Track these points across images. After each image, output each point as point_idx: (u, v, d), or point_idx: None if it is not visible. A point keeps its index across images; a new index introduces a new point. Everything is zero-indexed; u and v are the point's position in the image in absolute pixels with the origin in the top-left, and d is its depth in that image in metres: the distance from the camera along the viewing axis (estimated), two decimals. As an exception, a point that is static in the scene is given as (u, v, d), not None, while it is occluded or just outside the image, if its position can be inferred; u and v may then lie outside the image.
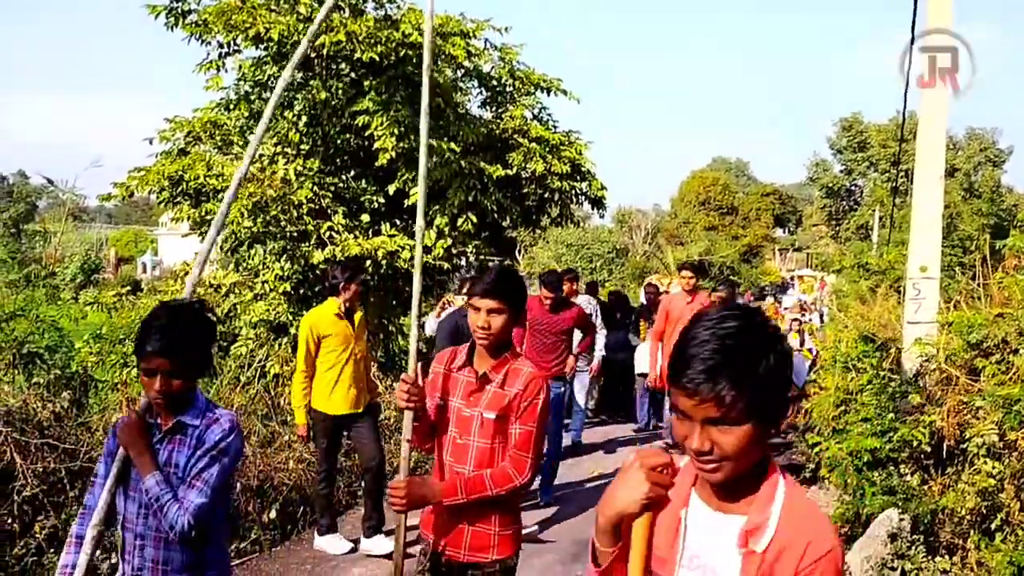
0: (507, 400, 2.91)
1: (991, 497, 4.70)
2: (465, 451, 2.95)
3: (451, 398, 3.02)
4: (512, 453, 2.91)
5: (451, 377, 3.05)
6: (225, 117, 8.99)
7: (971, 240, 9.23)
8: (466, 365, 3.03)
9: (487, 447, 2.93)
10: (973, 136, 45.57)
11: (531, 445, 2.91)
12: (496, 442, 2.93)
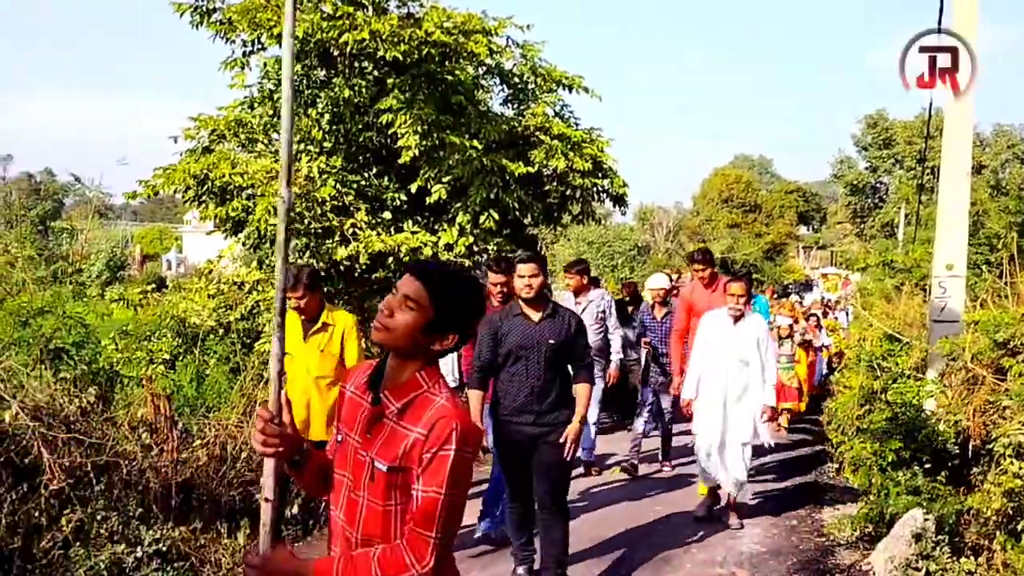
0: (407, 445, 2.06)
1: (1018, 498, 4.64)
2: (355, 510, 2.15)
3: (351, 433, 2.21)
4: (410, 528, 2.04)
5: (356, 401, 2.24)
6: (249, 115, 9.05)
7: (998, 238, 9.08)
8: (367, 386, 2.22)
9: (379, 509, 2.10)
10: (1001, 133, 44.97)
11: (435, 520, 2.01)
12: (394, 502, 2.09)
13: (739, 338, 6.09)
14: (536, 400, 4.71)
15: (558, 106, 10.21)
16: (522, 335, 4.76)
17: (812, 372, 11.97)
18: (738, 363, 6.10)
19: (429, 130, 8.19)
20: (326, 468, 2.26)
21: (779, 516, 6.70)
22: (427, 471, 2.02)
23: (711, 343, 6.23)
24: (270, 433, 2.12)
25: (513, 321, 4.81)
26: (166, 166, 8.78)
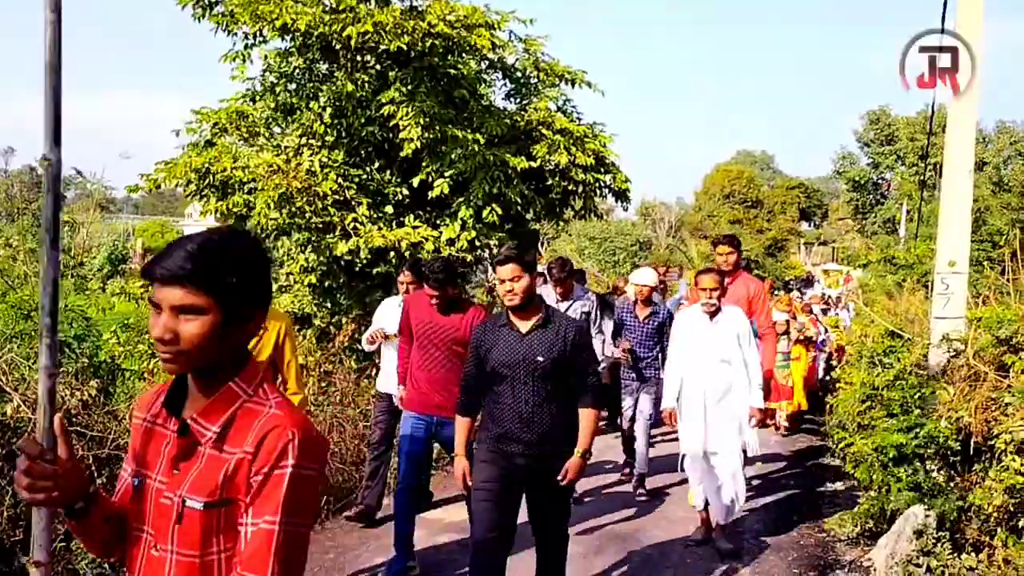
0: (228, 469, 1.61)
1: (1019, 494, 4.65)
2: (161, 571, 1.66)
3: (151, 472, 1.71)
4: (238, 574, 1.58)
5: (156, 432, 1.75)
6: (251, 108, 9.05)
7: (1000, 235, 9.08)
8: (164, 412, 1.74)
9: (195, 564, 1.62)
10: (1003, 130, 44.83)
11: (270, 560, 1.55)
12: (215, 551, 1.62)
13: (717, 335, 5.55)
14: (526, 428, 3.89)
15: (561, 101, 10.20)
16: (506, 350, 3.96)
17: (813, 370, 11.46)
18: (718, 363, 5.53)
19: (431, 123, 8.18)
20: (120, 519, 1.74)
21: (780, 512, 6.70)
22: (258, 498, 1.57)
23: (688, 344, 5.65)
24: (39, 474, 1.58)
25: (499, 333, 4.02)
26: (168, 160, 8.80)
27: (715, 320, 5.55)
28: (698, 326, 5.62)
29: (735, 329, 5.55)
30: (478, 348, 4.06)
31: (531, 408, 3.90)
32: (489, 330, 4.09)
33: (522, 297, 3.92)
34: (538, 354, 3.89)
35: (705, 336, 5.57)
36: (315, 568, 5.14)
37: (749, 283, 6.64)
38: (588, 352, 4.14)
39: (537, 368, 3.88)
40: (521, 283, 3.91)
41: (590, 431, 4.01)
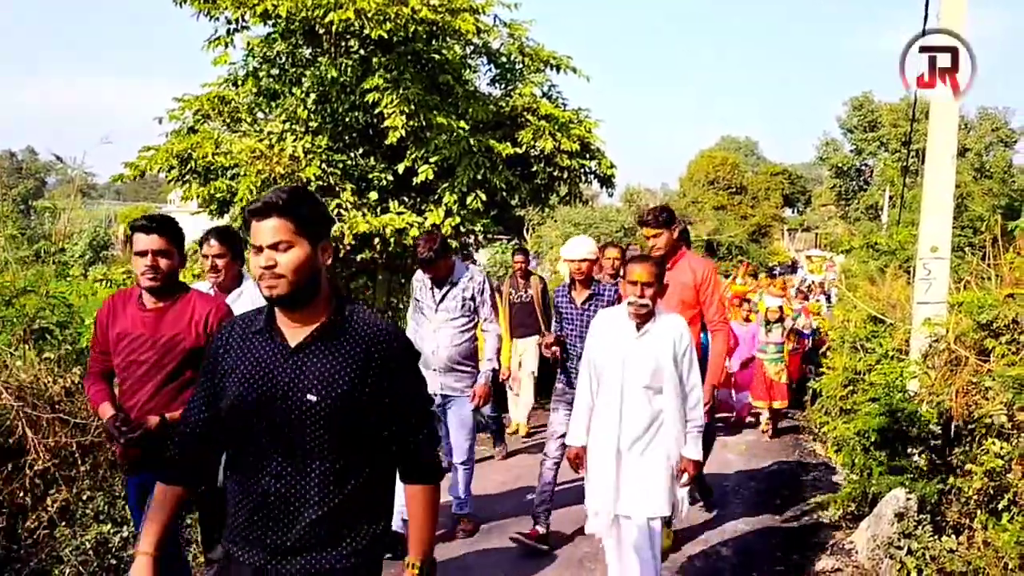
0: None
1: (999, 477, 4.70)
2: None
3: None
4: None
5: None
6: (233, 93, 8.98)
7: (981, 221, 9.14)
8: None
9: None
10: (985, 116, 45.19)
11: None
12: None
13: (645, 352, 3.96)
14: (270, 524, 2.11)
15: (546, 86, 10.17)
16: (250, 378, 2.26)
17: (796, 361, 10.39)
18: (642, 391, 3.96)
19: (415, 110, 8.14)
20: None
21: (764, 495, 6.76)
22: None
23: (603, 361, 4.08)
24: None
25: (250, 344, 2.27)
26: (150, 146, 8.72)
27: (644, 330, 3.98)
28: (620, 337, 4.03)
29: (671, 344, 3.96)
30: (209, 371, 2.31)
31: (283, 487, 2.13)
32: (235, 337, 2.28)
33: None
34: (308, 390, 2.11)
35: (628, 352, 3.98)
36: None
37: (695, 265, 5.17)
38: (415, 383, 2.27)
39: (303, 415, 2.11)
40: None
41: (424, 535, 2.28)
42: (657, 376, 3.94)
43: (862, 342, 7.60)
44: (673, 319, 4.07)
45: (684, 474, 4.03)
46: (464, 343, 5.33)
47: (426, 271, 5.25)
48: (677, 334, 3.98)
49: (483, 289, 5.34)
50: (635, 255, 4.13)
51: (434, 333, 5.29)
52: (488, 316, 5.41)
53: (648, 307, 3.93)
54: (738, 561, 5.28)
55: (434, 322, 5.30)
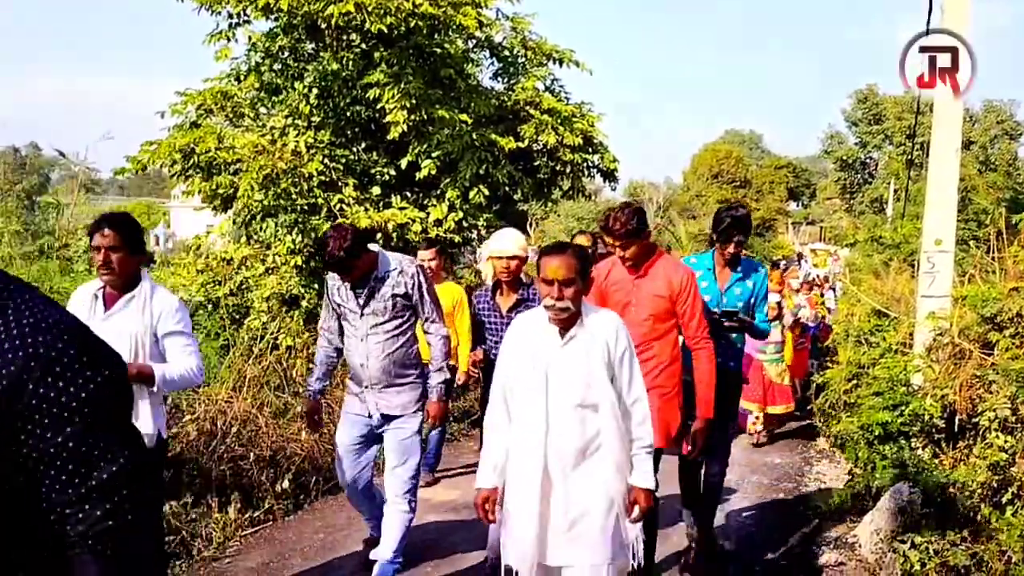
0: None
1: (1003, 471, 4.69)
2: None
3: None
4: None
5: None
6: (235, 88, 8.98)
7: (986, 214, 9.10)
8: None
9: None
10: (990, 109, 45.02)
11: None
12: None
13: (571, 363, 3.17)
14: None
15: (548, 80, 10.16)
16: None
17: (803, 358, 9.72)
18: (571, 412, 3.15)
19: (417, 105, 8.14)
20: None
21: (766, 491, 6.75)
22: None
23: (521, 378, 3.24)
24: None
25: None
26: (153, 140, 8.72)
27: (570, 336, 3.17)
28: (540, 347, 3.20)
29: (604, 350, 3.17)
30: None
31: None
32: None
33: None
34: None
35: (552, 364, 3.17)
36: (304, 548, 5.15)
37: (670, 272, 4.21)
38: None
39: None
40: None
41: None
42: (590, 391, 3.14)
43: (866, 336, 7.59)
44: (604, 318, 3.25)
45: (635, 507, 3.21)
46: (399, 350, 4.30)
47: (340, 275, 4.22)
48: (611, 335, 3.18)
49: (418, 283, 4.31)
50: (548, 246, 3.22)
51: (361, 342, 4.28)
52: (430, 315, 4.38)
53: (570, 310, 3.11)
54: (741, 555, 5.27)
55: (360, 329, 4.27)
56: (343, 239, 3.99)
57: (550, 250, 3.19)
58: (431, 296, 4.38)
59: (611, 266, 4.33)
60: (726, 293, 4.69)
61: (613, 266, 4.31)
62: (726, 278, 4.72)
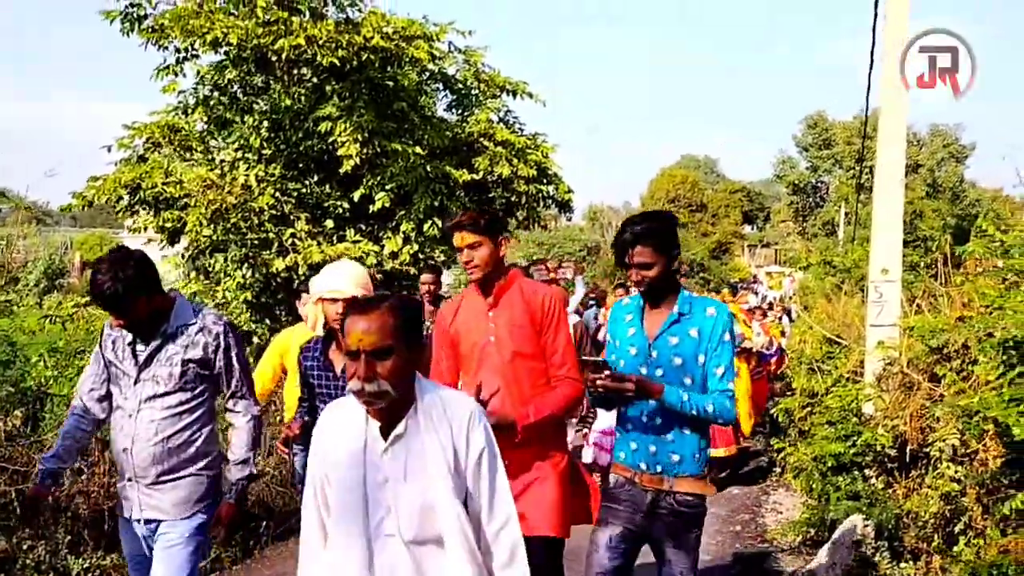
0: None
1: (954, 501, 4.72)
2: None
3: None
4: None
5: None
6: (183, 121, 8.85)
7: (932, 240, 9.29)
8: None
9: None
10: (936, 133, 46.21)
11: None
12: None
13: (399, 475, 2.21)
14: None
15: (502, 112, 10.18)
16: None
17: (762, 389, 9.16)
18: (403, 549, 2.22)
19: (370, 138, 8.10)
20: None
21: (723, 523, 6.73)
22: None
23: (334, 492, 2.26)
24: None
25: None
26: (98, 176, 8.55)
27: (397, 434, 2.21)
28: (355, 449, 2.23)
29: (447, 451, 2.22)
30: None
31: None
32: None
33: None
34: None
35: (372, 476, 2.23)
36: (253, 598, 5.00)
37: (531, 293, 3.41)
38: None
39: None
40: None
41: None
42: (428, 518, 2.18)
43: (818, 364, 7.64)
44: (451, 403, 2.25)
45: None
46: (181, 434, 3.15)
47: (114, 317, 3.11)
48: (461, 429, 2.21)
49: (224, 345, 3.21)
50: (355, 302, 2.21)
51: (130, 419, 3.13)
52: (237, 389, 3.30)
53: (388, 395, 2.09)
54: (698, 591, 5.22)
55: (131, 400, 3.14)
56: (121, 268, 2.93)
57: (354, 308, 2.14)
58: (240, 364, 3.26)
59: (458, 303, 3.47)
60: (656, 344, 3.09)
61: (462, 301, 3.46)
62: (657, 322, 3.12)
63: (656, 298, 3.14)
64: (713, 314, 3.08)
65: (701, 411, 3.00)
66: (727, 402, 3.05)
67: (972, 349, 4.80)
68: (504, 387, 3.22)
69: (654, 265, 3.04)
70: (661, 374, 3.07)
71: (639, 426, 3.14)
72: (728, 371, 3.07)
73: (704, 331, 3.06)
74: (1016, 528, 3.96)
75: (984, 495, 4.41)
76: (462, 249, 3.28)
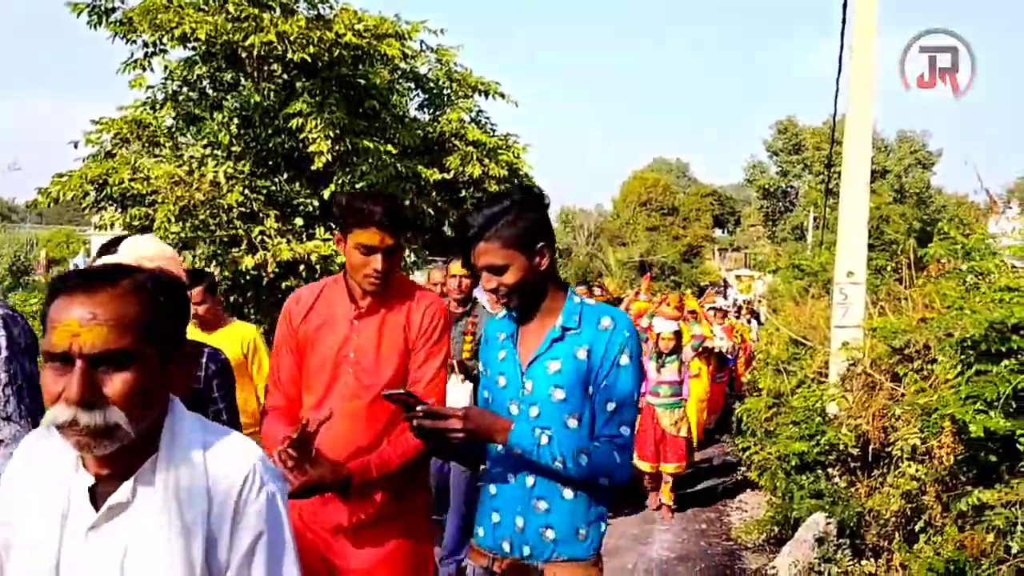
0: None
1: (915, 500, 4.79)
2: None
3: None
4: None
5: None
6: (151, 117, 8.76)
7: (898, 244, 9.43)
8: None
9: None
10: (904, 139, 46.91)
11: None
12: None
13: (96, 553, 1.33)
14: None
15: (474, 111, 10.20)
16: None
17: (719, 392, 9.03)
18: None
19: (341, 135, 8.07)
20: None
21: (688, 521, 6.78)
22: None
23: (17, 550, 1.38)
24: None
25: None
26: (64, 172, 8.45)
27: (114, 506, 1.34)
28: (52, 527, 1.35)
29: (190, 544, 1.34)
30: None
31: None
32: None
33: None
34: None
35: (70, 558, 1.35)
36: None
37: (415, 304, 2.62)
38: None
39: None
40: None
41: None
42: None
43: (784, 365, 7.73)
44: (219, 452, 1.43)
45: None
46: None
47: None
48: (222, 502, 1.40)
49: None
50: (73, 275, 1.35)
51: None
52: None
53: (120, 432, 1.30)
54: (664, 589, 5.27)
55: None
56: None
57: (69, 284, 1.33)
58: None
59: (315, 296, 2.61)
60: (531, 371, 2.20)
61: (320, 295, 2.61)
62: (534, 342, 2.24)
63: (527, 311, 2.26)
64: (609, 327, 2.16)
65: (569, 465, 2.06)
66: (614, 454, 2.10)
67: (933, 349, 4.89)
68: (353, 422, 2.43)
69: (508, 267, 2.13)
70: (536, 414, 2.16)
71: (503, 490, 2.22)
72: (625, 410, 2.14)
73: (596, 351, 2.14)
74: (973, 524, 4.04)
75: (943, 492, 4.48)
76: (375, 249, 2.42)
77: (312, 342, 2.54)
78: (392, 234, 2.44)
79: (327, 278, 2.73)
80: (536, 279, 2.19)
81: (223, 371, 2.66)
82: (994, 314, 3.99)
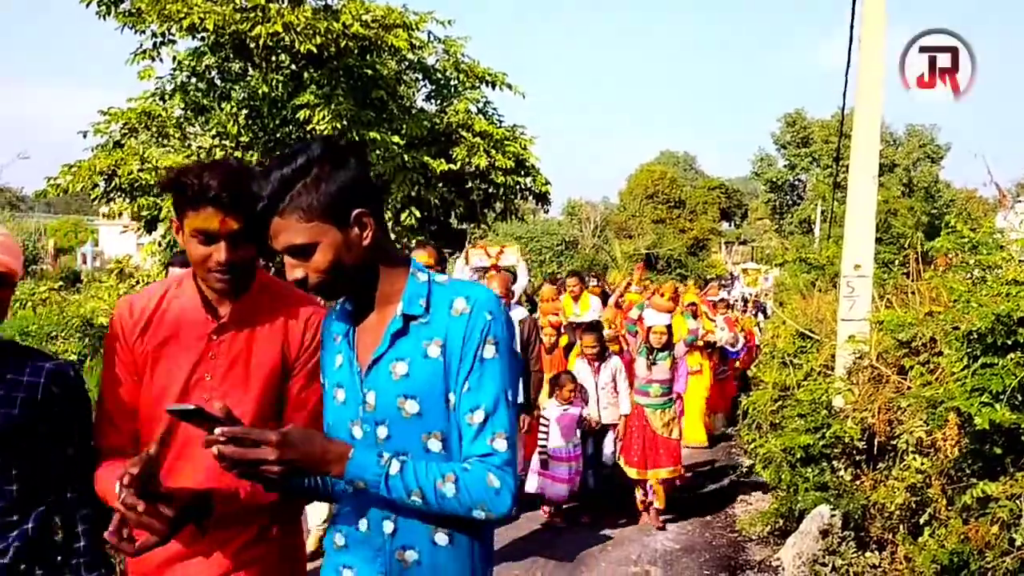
0: None
1: (920, 492, 4.80)
2: None
3: None
4: None
5: None
6: (160, 107, 8.79)
7: (905, 238, 9.39)
8: None
9: None
10: (913, 133, 46.67)
11: None
12: None
13: None
14: None
15: (481, 103, 10.19)
16: None
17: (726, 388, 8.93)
18: None
19: (348, 126, 8.09)
20: None
21: (693, 513, 6.79)
22: None
23: None
24: None
25: None
26: (73, 162, 8.48)
27: None
28: None
29: None
30: None
31: None
32: None
33: None
34: None
35: None
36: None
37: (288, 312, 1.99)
38: None
39: None
40: None
41: None
42: None
43: (790, 358, 7.72)
44: None
45: None
46: None
47: None
48: None
49: None
50: None
51: None
52: None
53: None
54: (668, 580, 5.29)
55: None
56: None
57: None
58: None
59: (158, 298, 1.99)
60: (370, 379, 1.65)
61: (163, 298, 1.99)
62: (371, 340, 1.69)
63: (358, 302, 1.73)
64: (464, 310, 1.61)
65: (430, 499, 1.53)
66: (489, 477, 1.55)
67: (939, 342, 4.88)
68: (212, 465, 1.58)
69: (314, 246, 1.58)
70: (386, 435, 1.63)
71: (355, 541, 1.69)
72: (496, 419, 1.58)
73: (452, 344, 1.60)
74: (977, 517, 4.04)
75: (948, 485, 4.48)
76: (215, 236, 1.82)
77: (154, 362, 1.92)
78: (236, 215, 1.79)
79: (167, 279, 2.14)
80: (357, 258, 1.61)
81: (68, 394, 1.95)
82: (1000, 307, 3.98)
